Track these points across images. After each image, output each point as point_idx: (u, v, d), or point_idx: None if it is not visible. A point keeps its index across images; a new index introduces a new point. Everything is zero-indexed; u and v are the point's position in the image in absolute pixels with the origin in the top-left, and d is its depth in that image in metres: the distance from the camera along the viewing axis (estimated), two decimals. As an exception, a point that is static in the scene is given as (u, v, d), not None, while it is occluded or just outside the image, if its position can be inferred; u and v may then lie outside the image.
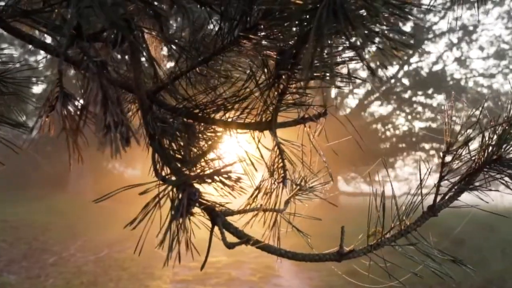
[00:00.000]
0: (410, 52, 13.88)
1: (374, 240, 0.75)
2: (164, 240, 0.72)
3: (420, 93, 14.35)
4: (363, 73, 15.34)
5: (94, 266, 6.20)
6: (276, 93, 0.72)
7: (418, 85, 13.95)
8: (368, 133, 14.93)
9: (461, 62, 14.19)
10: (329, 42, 0.46)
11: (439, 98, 14.27)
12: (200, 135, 0.84)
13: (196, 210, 0.75)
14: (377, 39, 0.46)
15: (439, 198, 0.81)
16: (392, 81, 14.36)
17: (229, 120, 0.76)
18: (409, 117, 15.23)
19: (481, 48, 13.94)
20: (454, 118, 0.83)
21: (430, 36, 14.02)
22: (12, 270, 6.05)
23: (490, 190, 0.81)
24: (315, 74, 0.65)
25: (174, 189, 0.65)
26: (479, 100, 13.54)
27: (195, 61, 0.77)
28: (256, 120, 0.75)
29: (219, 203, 0.74)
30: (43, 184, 12.64)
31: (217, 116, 0.77)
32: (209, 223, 0.74)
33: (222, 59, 0.76)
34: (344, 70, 0.75)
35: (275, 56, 0.68)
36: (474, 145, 0.85)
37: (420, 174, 0.81)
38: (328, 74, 0.61)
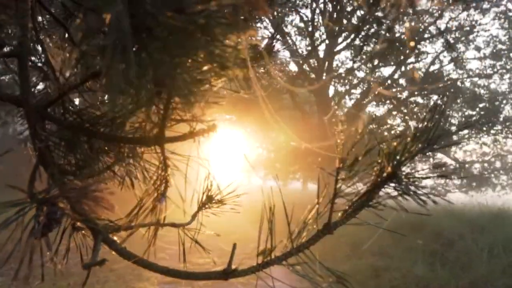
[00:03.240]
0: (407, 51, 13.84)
1: (265, 258, 0.73)
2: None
3: (416, 93, 14.31)
4: (360, 74, 15.33)
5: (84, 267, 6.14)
6: (161, 108, 0.70)
7: (415, 85, 13.89)
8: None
9: (458, 62, 14.13)
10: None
11: (435, 99, 14.23)
12: (101, 149, 0.82)
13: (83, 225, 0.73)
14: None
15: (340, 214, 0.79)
16: (389, 81, 14.32)
17: (119, 135, 0.75)
18: (406, 117, 15.19)
19: (478, 49, 13.88)
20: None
21: (427, 36, 13.97)
22: (0, 272, 6.04)
23: (393, 208, 0.79)
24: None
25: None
26: (477, 100, 13.50)
27: (85, 75, 0.75)
28: (145, 135, 0.74)
29: (106, 219, 0.73)
30: (36, 184, 12.61)
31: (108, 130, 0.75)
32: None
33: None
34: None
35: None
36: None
37: (318, 189, 0.79)
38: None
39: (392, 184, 0.75)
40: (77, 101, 0.94)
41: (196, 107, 0.67)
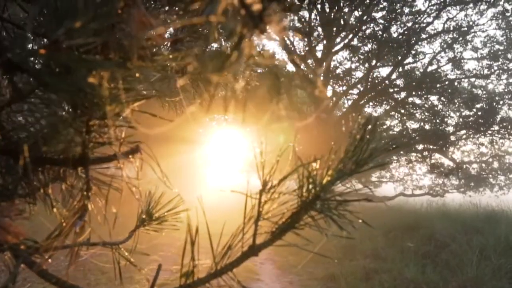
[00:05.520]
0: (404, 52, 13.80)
1: (187, 280, 0.73)
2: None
3: (414, 93, 14.29)
4: (359, 74, 15.33)
5: (74, 270, 6.14)
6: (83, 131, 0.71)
7: (413, 86, 13.87)
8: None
9: (455, 62, 14.11)
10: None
11: (432, 99, 14.22)
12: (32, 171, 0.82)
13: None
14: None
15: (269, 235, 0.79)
16: (386, 82, 14.30)
17: (45, 156, 0.75)
18: (404, 117, 15.20)
19: (475, 49, 13.86)
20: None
21: (424, 36, 13.94)
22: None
23: (322, 229, 0.79)
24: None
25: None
26: (474, 100, 13.47)
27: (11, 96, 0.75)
28: (69, 156, 0.74)
29: (31, 240, 0.73)
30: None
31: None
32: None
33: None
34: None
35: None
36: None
37: (245, 212, 0.79)
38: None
39: (315, 207, 0.75)
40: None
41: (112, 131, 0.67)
